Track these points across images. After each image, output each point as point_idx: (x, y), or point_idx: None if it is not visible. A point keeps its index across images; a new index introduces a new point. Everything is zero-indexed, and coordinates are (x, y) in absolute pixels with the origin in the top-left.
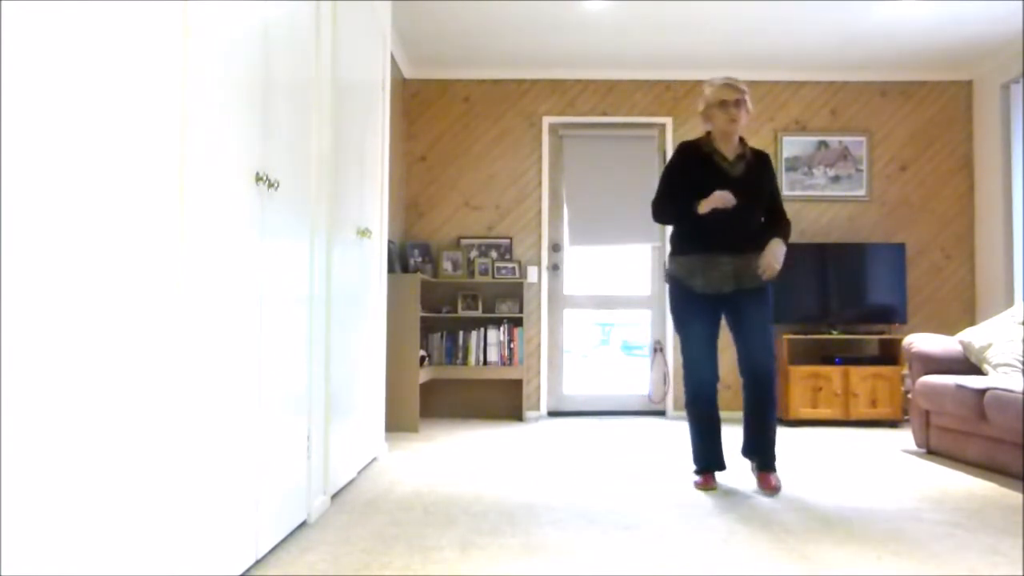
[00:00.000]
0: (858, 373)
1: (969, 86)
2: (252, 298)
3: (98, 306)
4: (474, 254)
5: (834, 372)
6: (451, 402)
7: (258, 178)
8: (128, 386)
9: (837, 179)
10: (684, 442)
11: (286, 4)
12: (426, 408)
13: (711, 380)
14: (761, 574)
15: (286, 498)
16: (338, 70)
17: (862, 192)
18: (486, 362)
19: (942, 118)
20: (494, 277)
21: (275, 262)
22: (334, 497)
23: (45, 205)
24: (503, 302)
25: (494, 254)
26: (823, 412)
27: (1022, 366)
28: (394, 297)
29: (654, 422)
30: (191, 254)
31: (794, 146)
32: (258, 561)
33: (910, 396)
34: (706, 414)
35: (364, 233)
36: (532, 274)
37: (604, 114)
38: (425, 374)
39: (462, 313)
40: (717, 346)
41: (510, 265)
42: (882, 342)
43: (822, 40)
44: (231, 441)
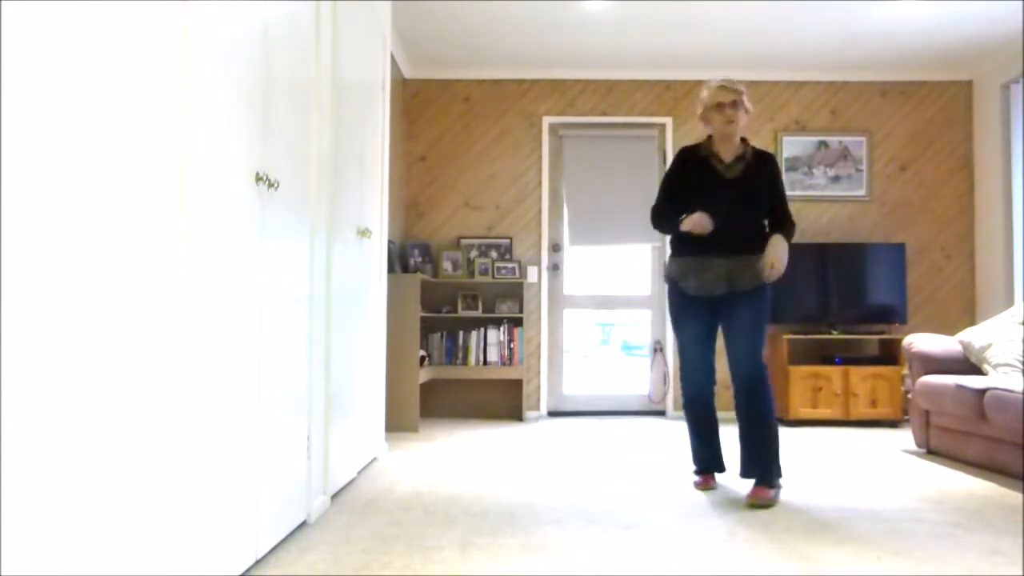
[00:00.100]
0: (858, 373)
1: (969, 86)
2: (252, 298)
3: (98, 306)
4: (474, 254)
5: (834, 372)
6: (451, 402)
7: (258, 178)
8: (128, 386)
9: (837, 179)
10: (684, 442)
11: (286, 4)
12: (426, 408)
13: (707, 382)
14: (761, 574)
15: (286, 498)
16: (338, 70)
17: (862, 192)
18: (486, 362)
19: (942, 118)
20: (494, 277)
21: (275, 262)
22: (334, 497)
23: (45, 205)
24: (503, 302)
25: (494, 254)
26: (823, 412)
27: (1022, 366)
28: (394, 297)
29: (654, 422)
30: (191, 254)
31: (794, 146)
32: (258, 561)
33: (910, 396)
34: (703, 416)
35: (364, 233)
36: (532, 274)
37: (604, 114)
38: (425, 374)
39: (462, 313)
40: (714, 348)
41: (510, 265)
42: (882, 342)
43: (822, 40)
44: (231, 441)
